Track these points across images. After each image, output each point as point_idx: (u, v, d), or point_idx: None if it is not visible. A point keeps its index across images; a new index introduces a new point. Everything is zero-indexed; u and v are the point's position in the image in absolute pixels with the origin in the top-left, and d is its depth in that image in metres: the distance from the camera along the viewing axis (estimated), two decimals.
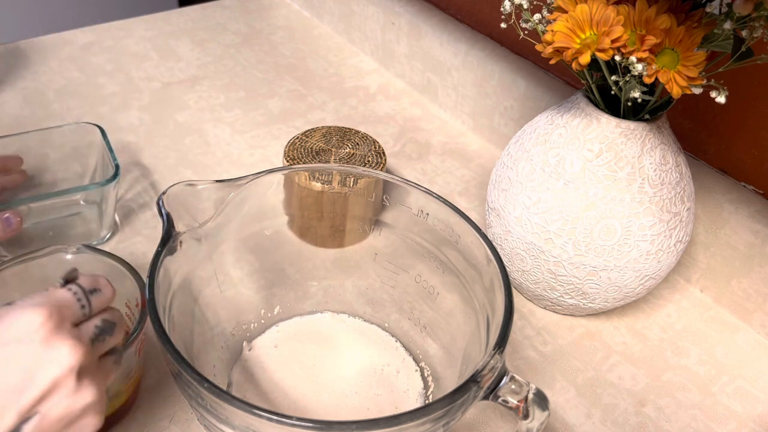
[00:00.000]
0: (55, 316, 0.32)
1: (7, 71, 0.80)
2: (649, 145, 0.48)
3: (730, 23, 0.40)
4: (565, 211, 0.49)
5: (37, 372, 0.31)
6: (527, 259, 0.52)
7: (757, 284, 0.56)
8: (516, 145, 0.55)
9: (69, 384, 0.31)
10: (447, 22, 0.78)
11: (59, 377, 0.31)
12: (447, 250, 0.46)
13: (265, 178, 0.46)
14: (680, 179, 0.50)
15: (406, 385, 0.49)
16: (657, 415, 0.51)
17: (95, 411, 0.33)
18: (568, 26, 0.42)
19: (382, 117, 0.81)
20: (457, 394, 0.34)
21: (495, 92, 0.74)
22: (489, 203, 0.56)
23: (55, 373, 0.31)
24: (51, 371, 0.31)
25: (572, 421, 0.50)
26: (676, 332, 0.57)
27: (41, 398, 0.31)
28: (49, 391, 0.31)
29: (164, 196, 0.41)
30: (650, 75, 0.41)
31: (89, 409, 0.33)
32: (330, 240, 0.53)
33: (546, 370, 0.53)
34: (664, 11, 0.41)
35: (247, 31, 0.95)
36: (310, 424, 0.31)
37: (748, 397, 0.53)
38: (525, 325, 0.57)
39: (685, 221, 0.51)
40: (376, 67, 0.90)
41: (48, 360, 0.31)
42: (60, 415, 0.32)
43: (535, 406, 0.38)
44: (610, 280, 0.51)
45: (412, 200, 0.47)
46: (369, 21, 0.88)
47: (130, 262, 0.58)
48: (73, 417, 0.32)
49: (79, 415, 0.32)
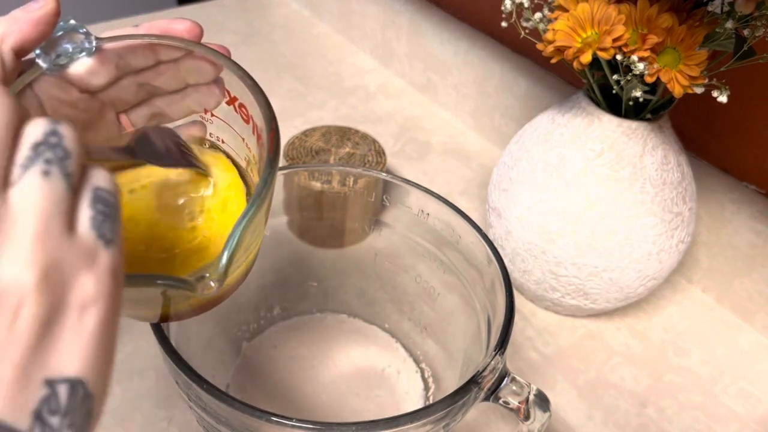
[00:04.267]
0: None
1: None
2: (651, 145, 0.48)
3: (732, 22, 0.40)
4: (566, 211, 0.49)
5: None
6: (528, 259, 0.52)
7: (759, 284, 0.56)
8: (517, 144, 0.54)
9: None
10: (447, 20, 0.78)
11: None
12: (447, 250, 0.46)
13: None
14: (682, 179, 0.49)
15: (407, 386, 0.49)
16: (659, 416, 0.50)
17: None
18: (570, 25, 0.42)
19: (382, 116, 0.80)
20: (458, 396, 0.34)
21: (496, 91, 0.74)
22: (490, 203, 0.56)
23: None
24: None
25: (573, 422, 0.49)
26: (678, 333, 0.57)
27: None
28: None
29: None
30: (652, 74, 0.41)
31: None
32: (330, 240, 0.53)
33: (547, 371, 0.53)
34: (665, 10, 0.41)
35: (246, 30, 0.95)
36: (310, 426, 0.31)
37: (750, 398, 0.52)
38: (526, 325, 0.56)
39: (686, 221, 0.50)
40: (376, 66, 0.89)
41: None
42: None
43: (536, 408, 0.38)
44: (612, 280, 0.50)
45: (412, 200, 0.46)
46: (369, 20, 0.88)
47: None
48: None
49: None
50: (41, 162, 0.19)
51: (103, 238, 0.20)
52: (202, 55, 0.32)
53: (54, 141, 0.20)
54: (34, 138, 0.20)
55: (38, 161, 0.19)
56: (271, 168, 0.27)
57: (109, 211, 0.21)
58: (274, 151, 0.28)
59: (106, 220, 0.20)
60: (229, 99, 0.33)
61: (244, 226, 0.26)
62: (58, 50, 0.30)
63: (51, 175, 0.19)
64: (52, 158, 0.20)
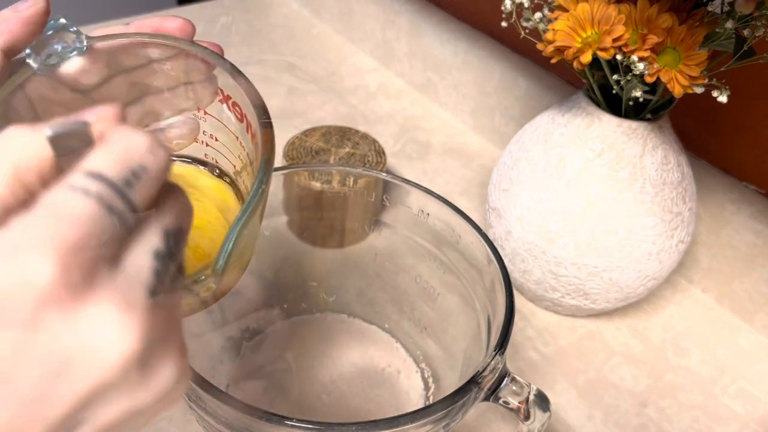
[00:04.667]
0: (73, 266, 0.17)
1: None
2: (651, 145, 0.48)
3: (732, 22, 0.40)
4: (566, 211, 0.49)
5: (68, 366, 0.18)
6: (528, 259, 0.52)
7: (759, 285, 0.56)
8: (517, 144, 0.54)
9: (125, 377, 0.18)
10: (447, 20, 0.78)
11: (106, 374, 0.18)
12: (447, 250, 0.46)
13: None
14: (682, 179, 0.49)
15: (407, 386, 0.49)
16: (659, 416, 0.50)
17: (172, 395, 0.21)
18: (570, 25, 0.42)
19: (382, 116, 0.80)
20: (458, 396, 0.34)
21: (496, 91, 0.74)
22: (490, 203, 0.56)
23: (98, 371, 0.18)
24: (90, 367, 0.18)
25: (573, 422, 0.49)
26: (678, 333, 0.57)
27: (82, 405, 0.18)
28: (94, 393, 0.18)
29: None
30: (652, 74, 0.41)
31: (164, 396, 0.20)
32: (330, 240, 0.53)
33: (547, 371, 0.53)
34: (665, 10, 0.41)
35: (246, 30, 0.95)
36: (310, 426, 0.31)
37: (750, 398, 0.52)
38: (526, 325, 0.56)
39: (686, 221, 0.50)
40: (376, 66, 0.89)
41: (80, 345, 0.18)
42: (116, 418, 0.19)
43: (536, 408, 0.38)
44: (612, 280, 0.50)
45: (412, 200, 0.46)
46: (369, 20, 0.88)
47: None
48: (139, 412, 0.20)
49: (149, 407, 0.20)
50: (81, 188, 0.19)
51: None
52: (194, 54, 0.32)
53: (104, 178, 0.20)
54: (90, 168, 0.20)
55: (80, 188, 0.19)
56: (266, 169, 0.27)
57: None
58: (269, 151, 0.27)
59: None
60: (223, 97, 0.33)
61: (241, 227, 0.25)
62: (48, 50, 0.29)
63: (89, 197, 0.19)
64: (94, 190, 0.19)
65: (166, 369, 0.20)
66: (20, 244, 0.17)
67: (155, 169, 0.20)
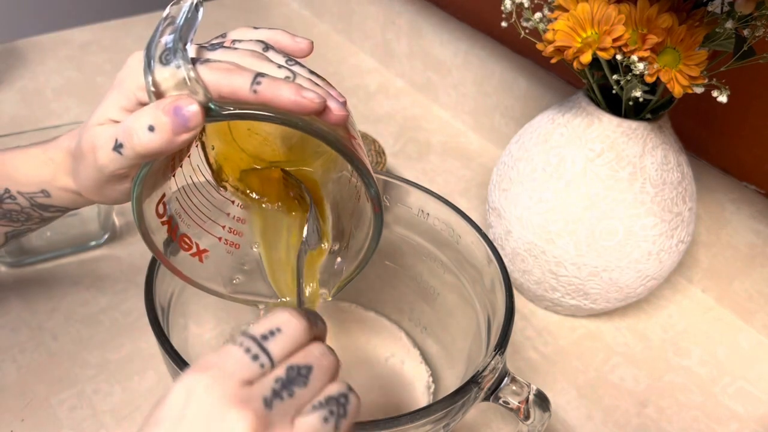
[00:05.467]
0: (218, 380, 0.24)
1: (5, 71, 0.80)
2: (651, 145, 0.48)
3: (732, 22, 0.40)
4: (566, 211, 0.49)
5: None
6: (528, 259, 0.52)
7: (759, 284, 0.56)
8: (517, 144, 0.54)
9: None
10: (447, 21, 0.78)
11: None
12: (447, 250, 0.46)
13: None
14: (682, 179, 0.49)
15: (412, 376, 0.48)
16: (658, 416, 0.50)
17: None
18: (569, 25, 0.42)
19: (382, 116, 0.80)
20: (458, 396, 0.34)
21: (496, 91, 0.74)
22: (490, 203, 0.56)
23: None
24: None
25: (573, 422, 0.49)
26: (678, 333, 0.57)
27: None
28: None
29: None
30: (652, 74, 0.41)
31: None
32: None
33: (547, 371, 0.53)
34: (665, 10, 0.41)
35: None
36: None
37: (750, 398, 0.52)
38: (526, 325, 0.56)
39: (686, 221, 0.50)
40: (376, 66, 0.89)
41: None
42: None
43: (536, 407, 0.38)
44: (612, 280, 0.50)
45: (412, 200, 0.46)
46: (369, 20, 0.88)
47: (128, 264, 0.58)
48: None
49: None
50: (326, 410, 0.26)
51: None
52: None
53: (342, 401, 0.26)
54: (331, 392, 0.26)
55: (325, 409, 0.26)
56: (374, 249, 0.36)
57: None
58: (376, 240, 0.36)
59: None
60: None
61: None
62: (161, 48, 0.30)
63: (328, 422, 0.26)
64: (334, 411, 0.26)
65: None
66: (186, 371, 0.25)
67: (288, 328, 0.27)
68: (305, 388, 0.26)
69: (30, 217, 0.40)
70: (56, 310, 0.53)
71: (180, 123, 0.30)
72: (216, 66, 0.30)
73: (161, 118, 0.30)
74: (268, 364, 0.26)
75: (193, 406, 0.24)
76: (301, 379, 0.26)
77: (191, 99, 0.30)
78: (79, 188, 0.37)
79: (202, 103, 0.30)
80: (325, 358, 0.27)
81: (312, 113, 0.30)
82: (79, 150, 0.35)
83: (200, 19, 0.32)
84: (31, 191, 0.38)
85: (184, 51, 0.30)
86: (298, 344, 0.27)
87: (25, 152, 0.38)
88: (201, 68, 0.30)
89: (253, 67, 0.31)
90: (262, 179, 0.38)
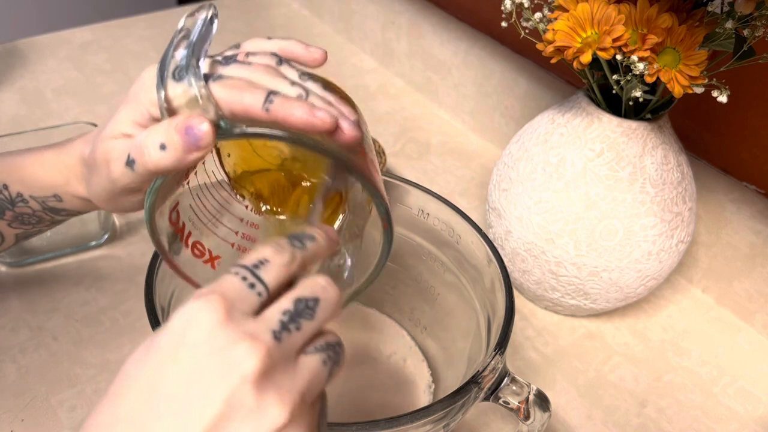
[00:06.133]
0: (219, 309, 0.24)
1: (5, 71, 0.80)
2: (651, 145, 0.48)
3: (732, 22, 0.40)
4: (566, 211, 0.49)
5: (203, 391, 0.23)
6: (528, 259, 0.52)
7: (759, 284, 0.56)
8: (517, 144, 0.54)
9: (246, 401, 0.23)
10: (447, 20, 0.78)
11: (231, 394, 0.23)
12: (447, 250, 0.46)
13: None
14: (682, 179, 0.49)
15: (413, 375, 0.48)
16: (658, 416, 0.50)
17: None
18: (569, 25, 0.42)
19: (382, 116, 0.80)
20: (458, 396, 0.34)
21: (496, 91, 0.74)
22: (490, 203, 0.56)
23: (225, 390, 0.23)
24: (220, 388, 0.23)
25: (573, 422, 0.49)
26: (678, 333, 0.57)
27: (212, 426, 0.22)
28: (221, 416, 0.23)
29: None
30: (652, 74, 0.41)
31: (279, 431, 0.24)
32: None
33: (547, 370, 0.53)
34: (665, 10, 0.41)
35: (246, 30, 0.95)
36: None
37: (749, 398, 0.52)
38: (526, 325, 0.56)
39: (686, 221, 0.50)
40: (375, 66, 0.89)
41: (215, 372, 0.23)
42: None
43: (536, 407, 0.38)
44: (612, 280, 0.50)
45: (412, 200, 0.46)
46: (369, 20, 0.88)
47: (128, 264, 0.58)
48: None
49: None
50: (326, 354, 0.26)
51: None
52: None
53: (338, 350, 0.27)
54: (329, 339, 0.27)
55: (325, 352, 0.26)
56: (384, 264, 0.36)
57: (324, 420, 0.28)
58: (385, 257, 0.36)
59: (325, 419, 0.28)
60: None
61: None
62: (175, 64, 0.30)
63: (326, 365, 0.26)
64: (332, 356, 0.26)
65: (277, 404, 0.23)
66: (185, 304, 0.25)
67: (277, 258, 0.27)
68: (312, 320, 0.26)
69: (41, 219, 0.40)
70: (56, 310, 0.53)
71: (191, 142, 0.30)
72: (229, 83, 0.31)
73: (173, 136, 0.30)
74: (264, 292, 0.26)
75: (194, 331, 0.23)
76: (308, 311, 0.26)
77: (203, 118, 0.30)
78: (92, 197, 0.37)
79: (213, 121, 0.30)
80: (330, 289, 0.27)
81: (323, 133, 0.30)
82: (93, 161, 0.35)
83: (215, 32, 0.32)
84: (43, 195, 0.38)
85: (197, 67, 0.30)
86: (289, 272, 0.27)
87: (39, 156, 0.38)
88: (213, 85, 0.31)
89: (266, 83, 0.31)
90: (277, 187, 0.38)
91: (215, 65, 0.33)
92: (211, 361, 0.23)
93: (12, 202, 0.39)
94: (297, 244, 0.28)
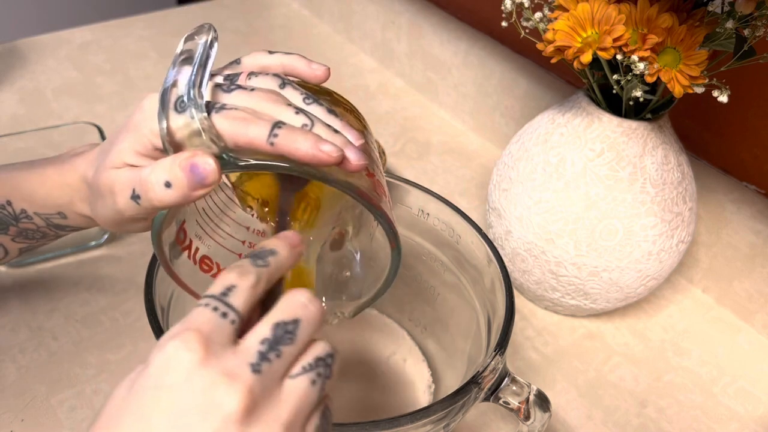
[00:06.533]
0: (197, 348, 0.23)
1: (4, 70, 0.80)
2: (651, 145, 0.48)
3: (732, 22, 0.40)
4: (566, 211, 0.49)
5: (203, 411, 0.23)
6: (528, 259, 0.52)
7: (759, 285, 0.56)
8: (517, 144, 0.54)
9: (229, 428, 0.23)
10: (447, 20, 0.78)
11: (218, 421, 0.23)
12: (447, 250, 0.46)
13: None
14: (682, 179, 0.49)
15: (413, 375, 0.48)
16: (658, 416, 0.50)
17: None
18: (570, 25, 0.42)
19: (382, 116, 0.80)
20: (458, 396, 0.34)
21: (496, 91, 0.74)
22: (490, 203, 0.56)
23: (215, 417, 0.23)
24: (202, 428, 0.23)
25: (573, 422, 0.49)
26: (678, 333, 0.57)
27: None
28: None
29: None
30: (652, 74, 0.41)
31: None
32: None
33: (547, 371, 0.53)
34: (665, 10, 0.41)
35: (246, 30, 0.95)
36: None
37: (749, 398, 0.52)
38: (526, 325, 0.56)
39: (686, 221, 0.50)
40: (375, 66, 0.89)
41: (196, 415, 0.23)
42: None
43: (536, 408, 0.38)
44: (612, 280, 0.50)
45: (412, 200, 0.46)
46: (369, 20, 0.88)
47: (128, 264, 0.58)
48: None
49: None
50: (314, 373, 0.25)
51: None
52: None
53: (329, 362, 0.26)
54: (318, 353, 0.26)
55: (313, 371, 0.25)
56: (392, 282, 0.37)
57: (328, 426, 0.27)
58: (393, 273, 0.36)
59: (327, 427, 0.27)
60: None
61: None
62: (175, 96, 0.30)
63: (315, 384, 0.25)
64: (321, 373, 0.26)
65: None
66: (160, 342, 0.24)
67: (245, 279, 0.27)
68: (292, 345, 0.25)
69: (45, 235, 0.40)
70: (56, 310, 0.53)
71: (196, 180, 0.30)
72: (232, 115, 0.30)
73: (177, 174, 0.30)
74: (237, 319, 0.25)
75: (173, 375, 0.23)
76: (287, 336, 0.25)
77: (208, 155, 0.29)
78: (97, 219, 0.37)
79: (216, 154, 0.29)
80: (311, 305, 0.26)
81: (329, 165, 0.30)
82: (97, 188, 0.35)
83: (215, 56, 0.31)
84: (48, 213, 0.38)
85: (200, 97, 0.29)
86: (258, 293, 0.27)
87: (41, 174, 0.38)
88: (216, 117, 0.30)
89: (270, 111, 0.31)
90: (285, 200, 0.38)
91: (217, 92, 0.32)
92: (192, 404, 0.23)
93: (16, 218, 0.38)
94: (259, 263, 0.27)
